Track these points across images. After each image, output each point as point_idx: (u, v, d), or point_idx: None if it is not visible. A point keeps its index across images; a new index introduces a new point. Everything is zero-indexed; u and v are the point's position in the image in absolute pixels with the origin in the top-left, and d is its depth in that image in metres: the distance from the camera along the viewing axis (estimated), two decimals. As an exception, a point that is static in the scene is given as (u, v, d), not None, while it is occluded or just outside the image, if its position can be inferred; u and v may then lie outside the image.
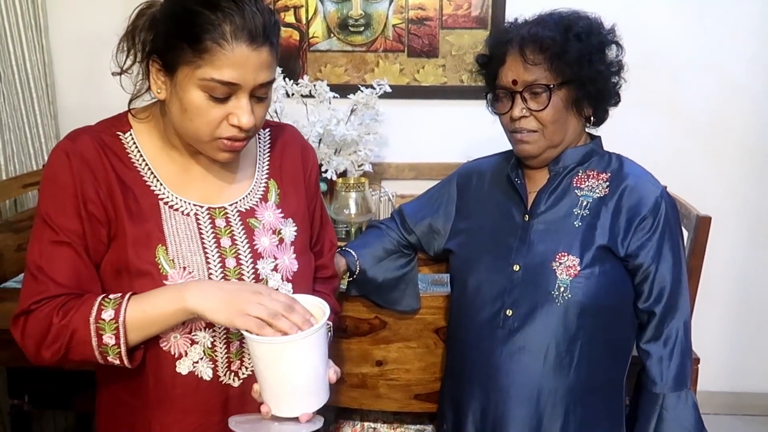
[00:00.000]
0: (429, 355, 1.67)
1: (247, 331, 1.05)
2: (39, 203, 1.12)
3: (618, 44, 1.41)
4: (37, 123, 2.65)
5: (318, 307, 1.14)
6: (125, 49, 1.14)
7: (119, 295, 1.09)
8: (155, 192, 1.16)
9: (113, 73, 1.16)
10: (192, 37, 1.04)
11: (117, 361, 1.08)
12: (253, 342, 1.06)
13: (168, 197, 1.16)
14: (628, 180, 1.39)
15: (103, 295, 1.09)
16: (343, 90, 2.53)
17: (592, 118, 1.43)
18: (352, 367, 1.69)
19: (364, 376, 1.69)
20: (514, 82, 1.36)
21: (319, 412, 1.13)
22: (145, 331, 1.08)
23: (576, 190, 1.40)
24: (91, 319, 1.06)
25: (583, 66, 1.33)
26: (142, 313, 1.06)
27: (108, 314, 1.06)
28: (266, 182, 1.27)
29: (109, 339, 1.06)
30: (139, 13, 1.13)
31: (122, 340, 1.06)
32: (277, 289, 1.17)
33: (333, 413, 1.82)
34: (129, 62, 1.15)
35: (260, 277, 1.19)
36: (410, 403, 1.71)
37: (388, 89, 2.46)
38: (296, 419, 1.10)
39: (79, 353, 1.08)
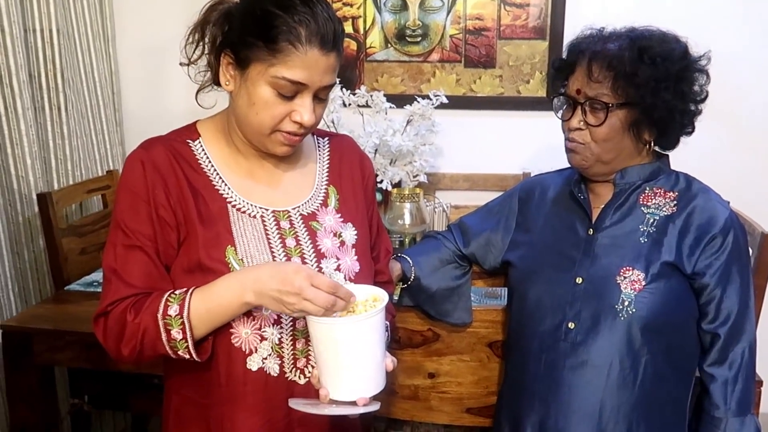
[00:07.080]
0: (482, 368, 1.66)
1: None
2: (114, 209, 1.19)
3: (707, 74, 1.36)
4: (103, 130, 2.74)
5: (377, 297, 1.16)
6: (194, 41, 1.21)
7: (183, 290, 1.13)
8: (224, 196, 1.21)
9: (181, 64, 1.23)
10: (269, 37, 1.10)
11: (187, 355, 1.13)
12: (313, 322, 1.09)
13: (236, 200, 1.21)
14: (697, 200, 1.37)
15: (169, 292, 1.14)
16: (399, 100, 2.54)
17: (652, 143, 1.39)
18: (404, 379, 1.69)
19: (416, 387, 1.69)
20: (578, 91, 1.36)
21: (375, 398, 1.14)
22: (210, 323, 1.13)
23: (642, 207, 1.39)
24: (159, 316, 1.11)
25: (649, 92, 1.30)
26: (204, 306, 1.11)
27: (174, 310, 1.11)
28: (326, 188, 1.31)
29: (177, 334, 1.11)
30: (210, 7, 1.20)
31: (188, 334, 1.11)
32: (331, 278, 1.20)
33: (384, 423, 1.82)
34: (196, 54, 1.22)
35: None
36: (461, 417, 1.71)
37: (444, 100, 2.46)
38: (353, 403, 1.11)
39: (152, 349, 1.13)
